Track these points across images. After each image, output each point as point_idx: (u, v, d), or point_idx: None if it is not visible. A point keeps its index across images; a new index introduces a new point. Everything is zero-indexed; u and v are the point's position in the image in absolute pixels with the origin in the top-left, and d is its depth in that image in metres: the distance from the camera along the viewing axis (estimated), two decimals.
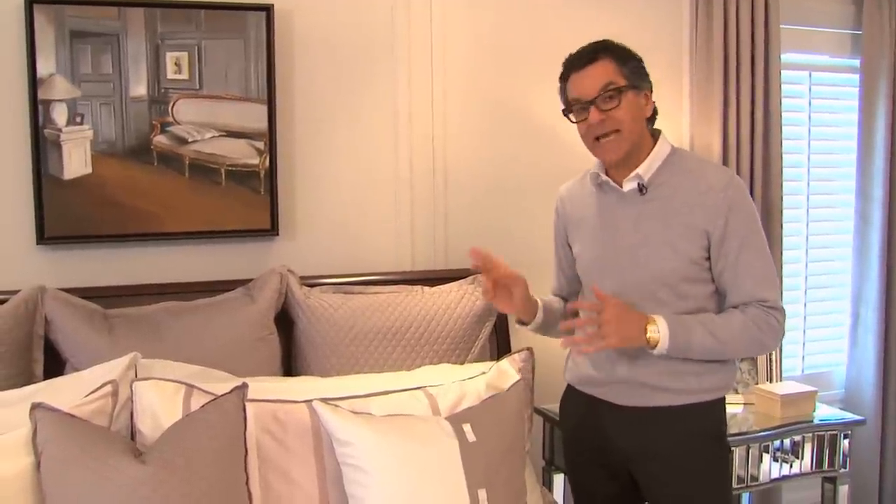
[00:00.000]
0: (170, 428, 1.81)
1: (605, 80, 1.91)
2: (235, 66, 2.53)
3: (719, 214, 1.91)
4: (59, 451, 1.71)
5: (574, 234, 2.15)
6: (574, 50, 2.00)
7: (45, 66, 2.37)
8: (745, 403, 2.91)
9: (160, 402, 1.90)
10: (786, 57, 3.19)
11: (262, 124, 2.56)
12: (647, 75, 1.98)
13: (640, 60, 1.98)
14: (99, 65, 2.42)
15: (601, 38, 1.99)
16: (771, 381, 3.00)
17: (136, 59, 2.45)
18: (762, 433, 2.69)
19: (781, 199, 3.18)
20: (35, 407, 1.77)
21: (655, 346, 1.88)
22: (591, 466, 2.13)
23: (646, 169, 1.97)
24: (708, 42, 3.04)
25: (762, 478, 2.72)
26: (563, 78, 2.00)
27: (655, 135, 2.02)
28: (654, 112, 2.01)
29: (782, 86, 3.15)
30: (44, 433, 1.73)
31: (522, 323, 2.15)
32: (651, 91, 1.99)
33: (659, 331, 1.88)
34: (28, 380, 2.15)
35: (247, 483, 1.83)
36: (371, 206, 2.75)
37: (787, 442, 2.75)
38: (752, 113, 3.10)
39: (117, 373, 1.99)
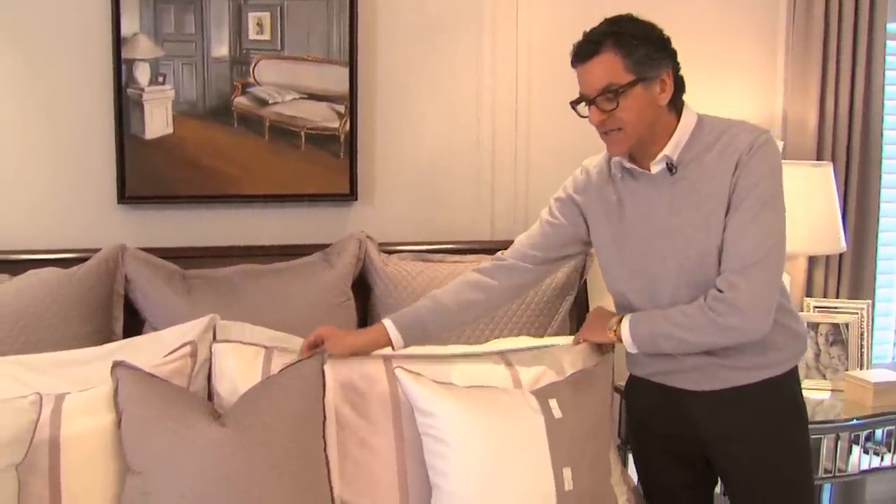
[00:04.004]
0: (249, 391, 1.79)
1: (605, 81, 1.76)
2: (318, 28, 2.49)
3: (736, 175, 1.78)
4: (140, 409, 1.71)
5: (596, 217, 1.97)
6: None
7: (128, 26, 2.36)
8: (833, 390, 2.78)
9: (239, 365, 1.89)
10: (892, 27, 3.02)
11: (343, 87, 2.52)
12: (661, 59, 1.79)
13: (653, 43, 1.79)
14: (182, 24, 2.40)
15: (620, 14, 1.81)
16: (861, 368, 2.86)
17: (218, 19, 2.42)
18: (853, 422, 2.56)
19: (880, 180, 3.02)
20: (116, 365, 1.78)
21: (621, 340, 1.91)
22: (662, 455, 2.04)
23: (673, 147, 1.83)
24: (808, 10, 2.89)
25: (851, 469, 2.59)
26: (573, 65, 1.85)
27: (679, 107, 1.86)
28: (679, 86, 1.84)
29: (887, 58, 2.98)
30: (125, 391, 1.74)
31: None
32: (671, 69, 1.81)
33: (619, 327, 1.89)
34: (108, 337, 2.17)
35: (324, 449, 1.80)
36: (451, 173, 2.70)
37: (878, 433, 2.61)
38: (853, 87, 2.94)
39: (196, 334, 1.98)
